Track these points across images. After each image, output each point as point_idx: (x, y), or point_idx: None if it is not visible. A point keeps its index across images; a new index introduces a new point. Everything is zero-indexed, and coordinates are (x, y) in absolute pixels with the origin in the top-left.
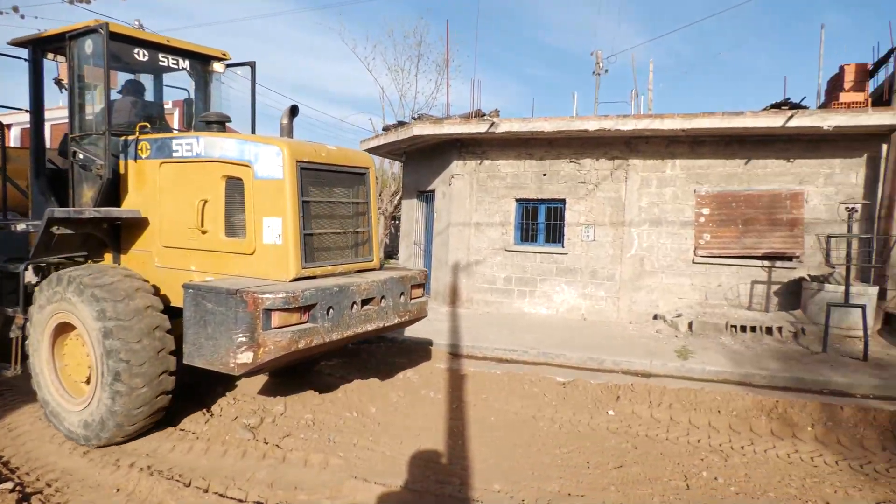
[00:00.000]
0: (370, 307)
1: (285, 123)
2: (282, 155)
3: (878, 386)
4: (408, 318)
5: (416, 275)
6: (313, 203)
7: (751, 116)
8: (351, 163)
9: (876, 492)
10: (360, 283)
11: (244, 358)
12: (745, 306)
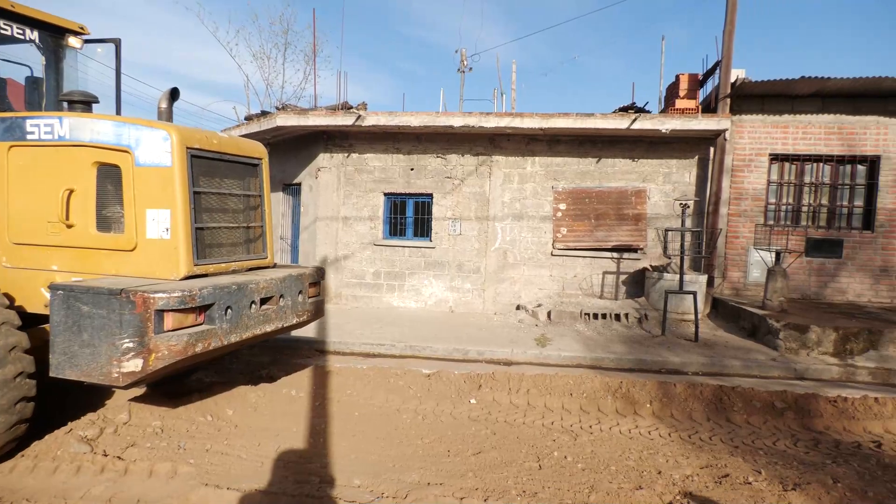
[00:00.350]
0: (269, 307)
1: (164, 108)
2: (170, 140)
3: (705, 363)
4: (306, 317)
5: (314, 272)
6: (204, 194)
7: (600, 118)
8: (244, 152)
9: (700, 458)
10: (258, 280)
11: (131, 366)
12: (597, 295)
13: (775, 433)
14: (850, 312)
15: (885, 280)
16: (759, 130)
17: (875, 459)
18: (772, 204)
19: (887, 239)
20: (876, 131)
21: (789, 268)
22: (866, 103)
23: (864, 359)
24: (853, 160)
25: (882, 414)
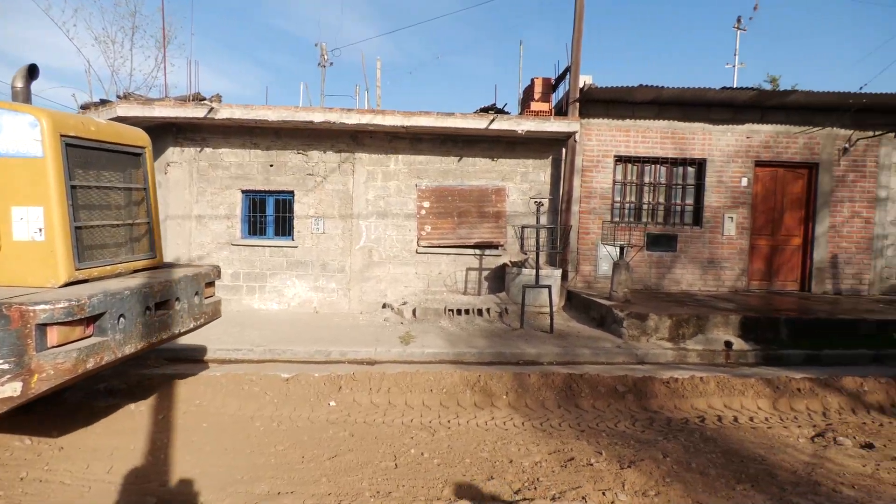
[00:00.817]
0: (165, 311)
1: (20, 87)
2: (40, 127)
3: (559, 353)
4: (203, 320)
5: (210, 271)
6: (82, 189)
7: (460, 118)
8: (125, 141)
9: (549, 444)
10: (152, 283)
11: (8, 391)
12: (461, 291)
13: (617, 415)
14: (683, 301)
15: (711, 270)
16: (606, 133)
17: (699, 433)
18: (617, 202)
19: (713, 234)
20: (702, 137)
21: (632, 261)
22: (694, 111)
23: (694, 342)
24: (684, 162)
25: (706, 391)
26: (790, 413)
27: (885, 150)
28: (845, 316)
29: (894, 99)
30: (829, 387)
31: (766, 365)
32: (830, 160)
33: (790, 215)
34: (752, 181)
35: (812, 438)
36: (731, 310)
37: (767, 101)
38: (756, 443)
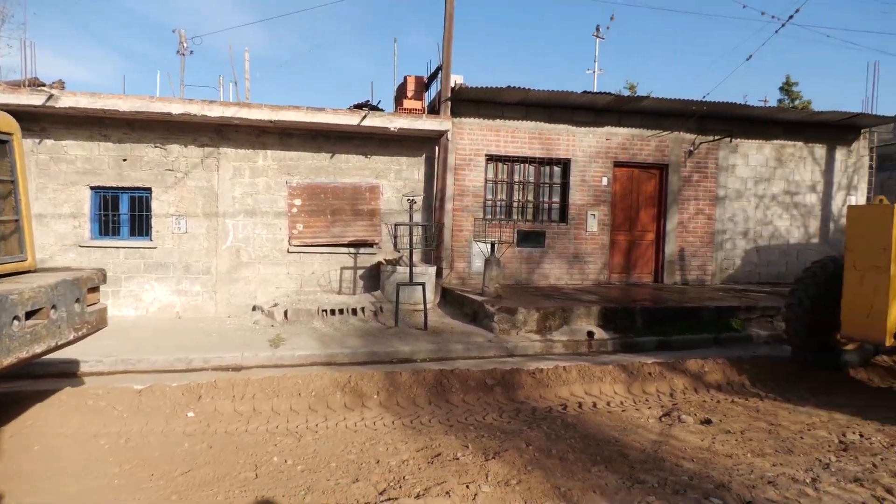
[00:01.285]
0: (37, 321)
1: None
2: None
3: (432, 350)
4: (86, 330)
5: (93, 275)
6: None
7: (332, 113)
8: None
9: (418, 442)
10: (21, 289)
11: None
12: (336, 291)
13: (486, 408)
14: (551, 294)
15: (576, 265)
16: (477, 133)
17: (561, 420)
18: (489, 200)
19: (577, 230)
20: (567, 138)
21: (504, 257)
22: (559, 113)
23: (560, 333)
24: (551, 162)
25: (568, 380)
26: (642, 396)
27: (724, 154)
28: (691, 304)
29: (729, 108)
30: (676, 370)
31: (624, 352)
32: (678, 162)
33: (645, 212)
34: (611, 180)
35: (660, 418)
36: (593, 302)
37: (624, 105)
38: (611, 426)
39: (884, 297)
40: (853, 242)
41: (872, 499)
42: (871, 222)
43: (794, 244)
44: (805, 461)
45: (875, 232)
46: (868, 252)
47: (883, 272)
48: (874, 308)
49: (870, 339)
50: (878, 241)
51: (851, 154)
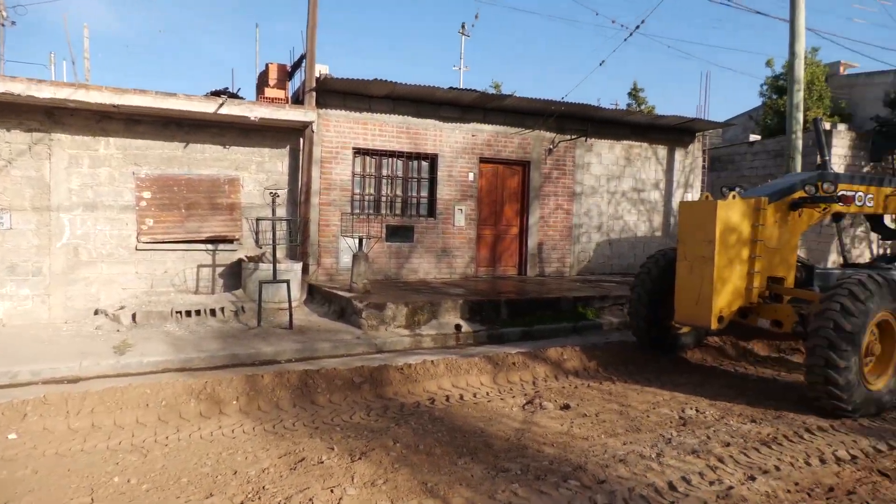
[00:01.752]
0: None
1: None
2: None
3: (298, 350)
4: None
5: None
6: None
7: (185, 99)
8: None
9: (280, 447)
10: None
11: None
12: (192, 291)
13: (353, 407)
14: (420, 289)
15: (444, 259)
16: (344, 125)
17: (428, 415)
18: (357, 194)
19: (445, 225)
20: (434, 133)
21: (372, 252)
22: (427, 108)
23: (428, 327)
24: (419, 157)
25: (436, 374)
26: (507, 385)
27: (580, 152)
28: (551, 295)
29: (585, 109)
30: (538, 358)
31: (490, 343)
32: (539, 159)
33: (509, 207)
34: (477, 176)
35: (523, 406)
36: (461, 295)
37: (489, 103)
38: (478, 417)
39: (709, 285)
40: (684, 235)
41: (707, 468)
42: (698, 217)
43: (641, 237)
44: (651, 438)
45: (702, 225)
46: (696, 244)
47: (709, 262)
48: (702, 295)
49: (699, 324)
50: (705, 234)
51: (688, 155)
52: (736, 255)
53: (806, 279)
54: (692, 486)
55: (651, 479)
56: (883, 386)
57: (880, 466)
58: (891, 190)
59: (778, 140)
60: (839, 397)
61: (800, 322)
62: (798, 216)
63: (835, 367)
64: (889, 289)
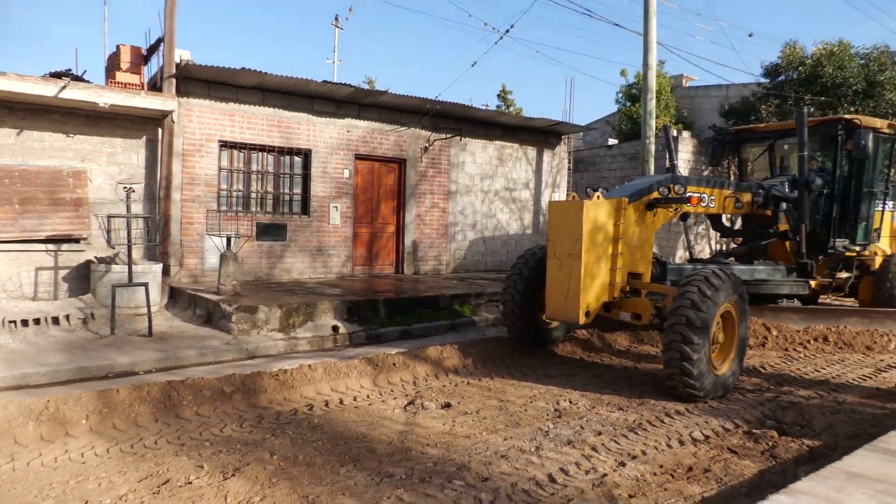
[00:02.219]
0: None
1: None
2: None
3: (159, 359)
4: None
5: None
6: None
7: (17, 80)
8: None
9: (141, 469)
10: None
11: None
12: (30, 297)
13: (224, 419)
14: (294, 289)
15: (320, 258)
16: (208, 116)
17: (307, 423)
18: (224, 190)
19: (320, 223)
20: (308, 127)
21: (242, 252)
22: (299, 101)
23: (304, 330)
24: (291, 152)
25: (314, 378)
26: (388, 387)
27: (455, 151)
28: (429, 293)
29: (459, 108)
30: (418, 358)
31: (369, 344)
32: (415, 157)
33: (386, 205)
34: (353, 173)
35: (405, 407)
36: (338, 295)
37: (364, 98)
38: (359, 421)
39: (577, 282)
40: (553, 234)
41: (582, 458)
42: (566, 216)
43: (514, 235)
44: (530, 432)
45: (570, 224)
46: (565, 242)
47: (576, 259)
48: (570, 291)
49: (568, 319)
50: (573, 233)
51: (555, 157)
52: (601, 253)
53: (660, 274)
54: (570, 476)
55: (532, 473)
56: (727, 370)
57: (729, 444)
58: (729, 192)
59: (633, 144)
60: (693, 385)
61: (656, 314)
62: (653, 215)
63: (688, 358)
64: (730, 282)
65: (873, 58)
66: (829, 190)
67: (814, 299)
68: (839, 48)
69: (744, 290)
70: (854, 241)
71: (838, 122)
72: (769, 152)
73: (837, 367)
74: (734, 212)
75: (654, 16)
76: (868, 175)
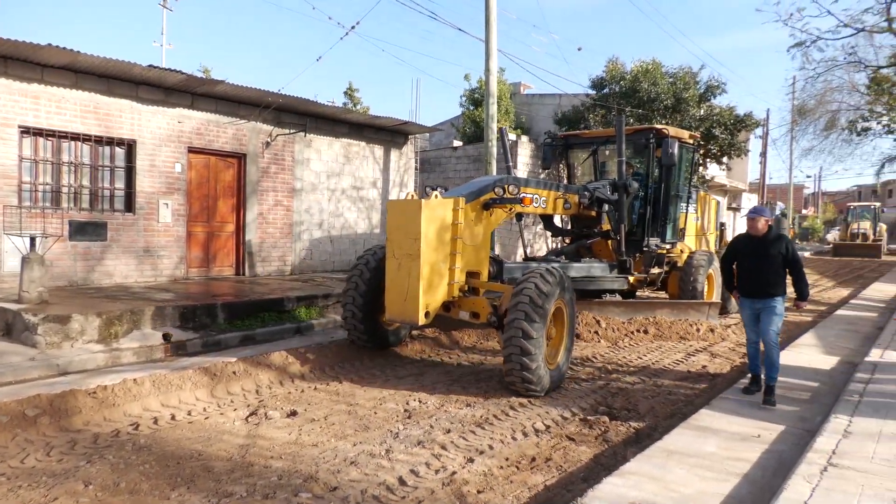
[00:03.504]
0: None
1: None
2: None
3: None
4: None
5: None
6: None
7: None
8: None
9: None
10: None
11: None
12: None
13: (26, 447)
14: (117, 295)
15: (148, 260)
16: (6, 97)
17: (131, 444)
18: (27, 183)
19: (147, 221)
20: (131, 116)
21: (52, 254)
22: (121, 87)
23: (130, 339)
24: (112, 142)
25: (140, 393)
26: (228, 398)
27: (299, 147)
28: (273, 295)
29: (303, 103)
30: (261, 364)
31: (207, 352)
32: (256, 152)
33: (224, 202)
34: (186, 167)
35: (246, 419)
36: (170, 300)
37: (197, 87)
38: (194, 438)
39: (416, 282)
40: (392, 234)
41: (432, 457)
42: (404, 216)
43: (361, 234)
44: (380, 435)
45: (408, 224)
46: (403, 242)
47: (415, 259)
48: (409, 292)
49: (407, 320)
50: (411, 232)
51: (402, 156)
52: (439, 252)
53: (497, 273)
54: (420, 477)
55: (382, 478)
56: (560, 362)
57: (568, 432)
58: (559, 194)
59: (476, 147)
60: (531, 380)
61: (493, 312)
62: (490, 215)
63: (528, 353)
64: (561, 280)
65: (679, 77)
66: (644, 193)
67: (632, 293)
68: (653, 66)
69: (572, 286)
70: (664, 240)
71: (650, 132)
72: (593, 157)
73: (656, 354)
74: (564, 212)
75: (494, 24)
76: (675, 180)
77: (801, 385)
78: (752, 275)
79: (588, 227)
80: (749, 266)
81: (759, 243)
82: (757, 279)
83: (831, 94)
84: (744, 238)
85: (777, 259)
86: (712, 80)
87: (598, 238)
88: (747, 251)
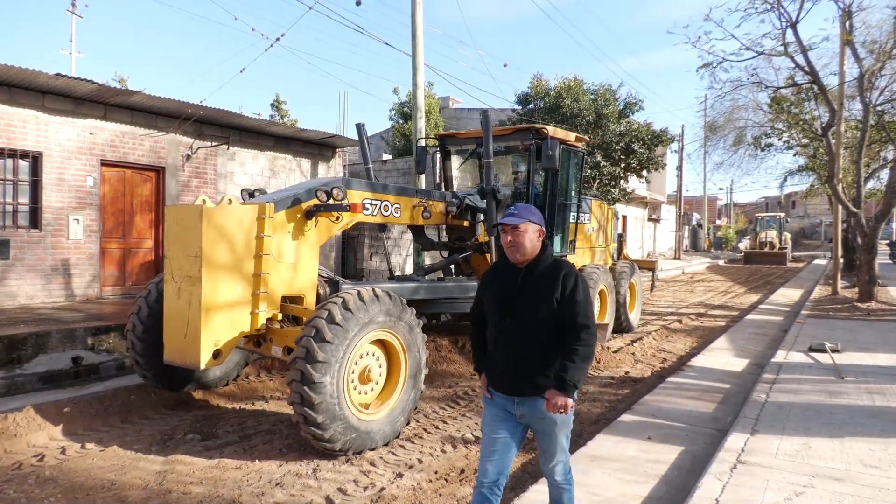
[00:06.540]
0: None
1: None
2: None
3: None
4: None
5: None
6: None
7: None
8: None
9: None
10: None
11: None
12: None
13: None
14: (21, 318)
15: (56, 279)
16: None
17: (35, 477)
18: None
19: (56, 238)
20: (37, 127)
21: None
22: (24, 96)
23: (36, 364)
24: (15, 154)
25: (45, 423)
26: (141, 422)
27: (222, 160)
28: None
29: (226, 115)
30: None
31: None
32: (176, 165)
33: (141, 218)
34: (98, 181)
35: (164, 443)
36: (80, 321)
37: (111, 97)
38: (107, 467)
39: (198, 313)
40: (169, 249)
41: (361, 474)
42: (182, 225)
43: None
44: (307, 453)
45: (187, 236)
46: (182, 260)
47: (195, 284)
48: (190, 325)
49: (188, 363)
50: (190, 247)
51: (330, 170)
52: (234, 274)
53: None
54: (348, 495)
55: (309, 498)
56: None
57: None
58: (417, 200)
59: (406, 160)
60: (322, 437)
61: None
62: (315, 225)
63: (311, 405)
64: (383, 305)
65: (600, 94)
66: (525, 200)
67: None
68: (575, 83)
69: (410, 312)
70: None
71: (530, 131)
72: (479, 160)
73: None
74: (424, 222)
75: (421, 39)
76: (561, 186)
77: (715, 387)
78: (503, 347)
79: (461, 240)
80: (498, 326)
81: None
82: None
83: (738, 111)
84: (495, 272)
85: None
86: (630, 97)
87: (472, 252)
88: (498, 297)
